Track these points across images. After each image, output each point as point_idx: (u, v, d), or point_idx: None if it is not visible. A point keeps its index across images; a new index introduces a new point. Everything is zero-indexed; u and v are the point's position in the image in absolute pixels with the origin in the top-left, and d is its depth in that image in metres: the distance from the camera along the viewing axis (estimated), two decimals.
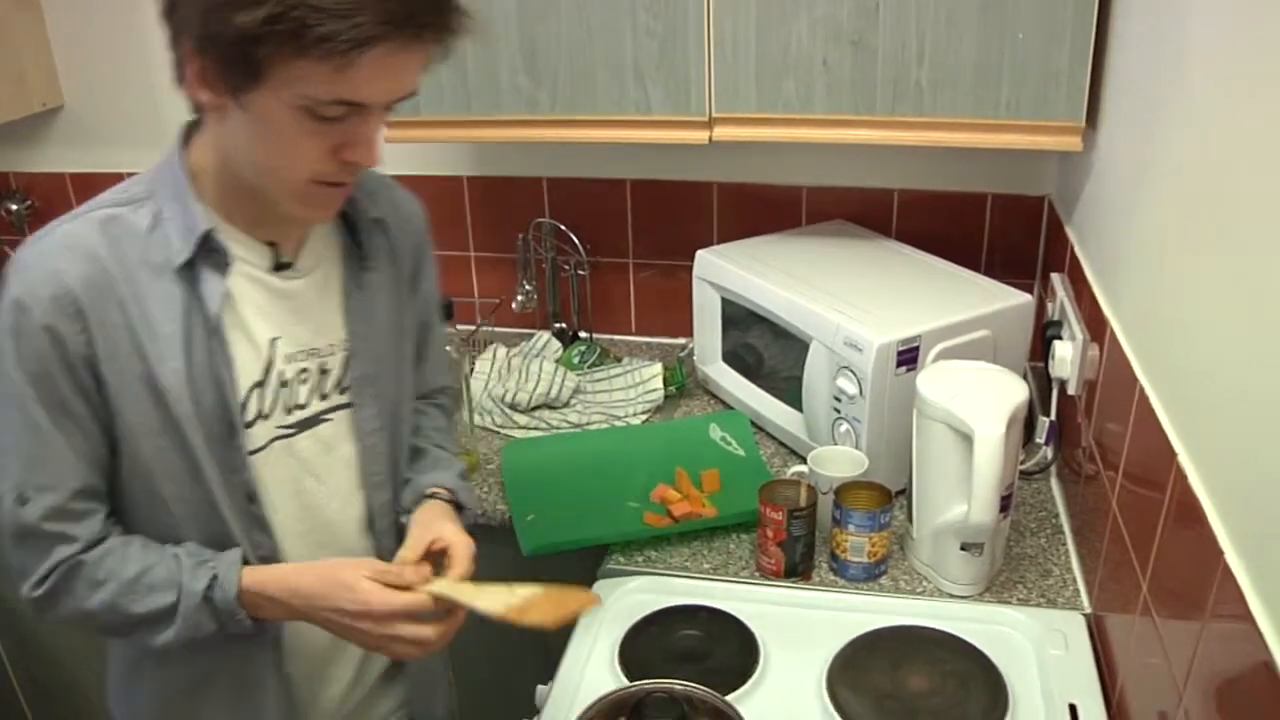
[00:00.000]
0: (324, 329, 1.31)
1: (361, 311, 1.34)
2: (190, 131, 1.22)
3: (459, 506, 1.44)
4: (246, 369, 1.23)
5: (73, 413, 1.16)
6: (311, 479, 1.32)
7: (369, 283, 1.34)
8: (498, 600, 1.33)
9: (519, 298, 2.46)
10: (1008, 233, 2.24)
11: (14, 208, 2.81)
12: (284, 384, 1.27)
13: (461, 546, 1.34)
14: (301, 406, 1.30)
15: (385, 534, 1.40)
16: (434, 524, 1.35)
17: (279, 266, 1.26)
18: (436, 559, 1.32)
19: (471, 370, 2.27)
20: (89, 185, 2.76)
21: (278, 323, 1.26)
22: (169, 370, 1.16)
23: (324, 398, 1.31)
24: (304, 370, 1.29)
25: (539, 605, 1.35)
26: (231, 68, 1.05)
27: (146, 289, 1.16)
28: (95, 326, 1.14)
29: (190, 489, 1.22)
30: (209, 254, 1.18)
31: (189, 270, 1.17)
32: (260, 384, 1.25)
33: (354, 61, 1.02)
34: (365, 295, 1.34)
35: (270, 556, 1.29)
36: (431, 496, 1.42)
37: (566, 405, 2.19)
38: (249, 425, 1.24)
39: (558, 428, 2.12)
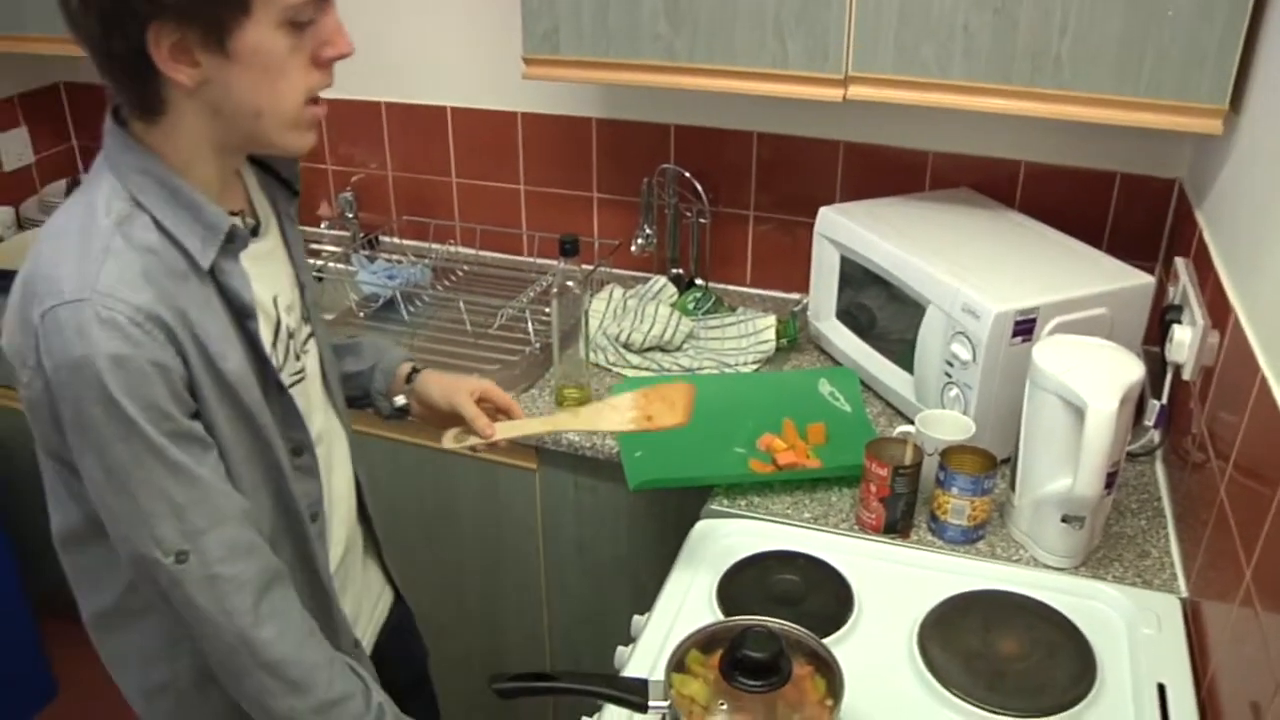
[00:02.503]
0: (288, 272, 1.37)
1: (297, 244, 1.40)
2: (122, 125, 1.18)
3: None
4: (267, 336, 1.27)
5: (196, 435, 1.16)
6: (316, 409, 1.41)
7: (293, 216, 1.42)
8: (616, 419, 1.53)
9: (639, 241, 2.49)
10: (1133, 213, 2.21)
11: None
12: (290, 335, 1.34)
13: (499, 392, 1.57)
14: (303, 349, 1.38)
15: (345, 424, 1.52)
16: (455, 387, 1.56)
17: (253, 233, 1.29)
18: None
19: (589, 307, 2.31)
20: None
21: (269, 282, 1.30)
22: (233, 364, 1.19)
23: (300, 329, 1.39)
24: (296, 317, 1.36)
25: (657, 409, 1.53)
26: (217, 15, 1.07)
27: (186, 296, 1.15)
28: (182, 345, 1.14)
29: (255, 473, 1.26)
30: (225, 246, 1.19)
31: (210, 269, 1.18)
32: (275, 343, 1.30)
33: None
34: (294, 229, 1.41)
35: (315, 502, 1.37)
36: (413, 371, 1.61)
37: (679, 349, 2.23)
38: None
39: (669, 370, 2.17)
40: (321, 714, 1.25)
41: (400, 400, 1.60)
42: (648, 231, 2.49)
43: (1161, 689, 1.37)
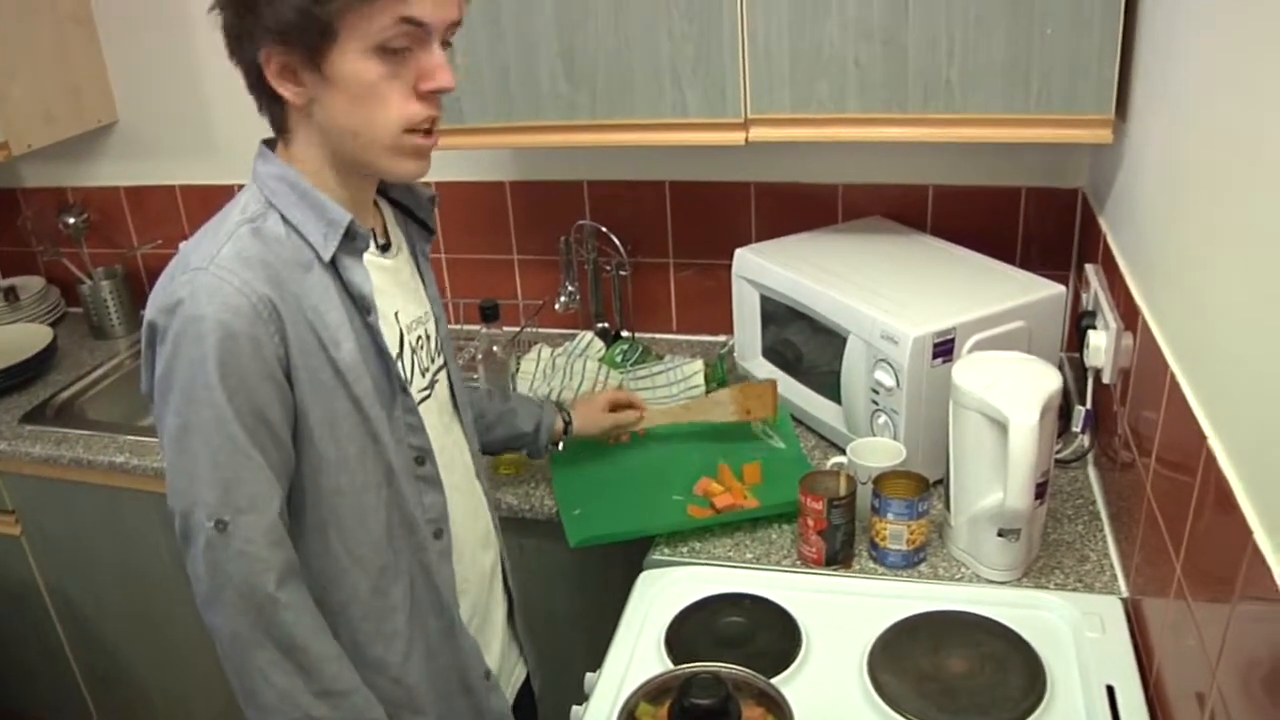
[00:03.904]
0: (418, 300, 1.46)
1: (430, 282, 1.50)
2: (271, 147, 1.31)
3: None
4: (389, 343, 1.34)
5: (269, 421, 1.22)
6: (445, 433, 1.48)
7: (428, 254, 1.51)
8: (722, 412, 1.96)
9: (562, 298, 2.51)
10: (1042, 226, 2.27)
11: (71, 221, 2.90)
12: (413, 351, 1.41)
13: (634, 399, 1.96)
14: (426, 370, 1.44)
15: (481, 475, 1.61)
16: (604, 395, 1.95)
17: (382, 249, 1.39)
18: None
19: (517, 370, 2.32)
20: (142, 198, 2.86)
21: (393, 298, 1.39)
22: (345, 353, 1.27)
23: (433, 361, 1.46)
24: (419, 338, 1.43)
25: (753, 404, 1.97)
26: (309, 39, 1.16)
27: (305, 285, 1.25)
28: (288, 327, 1.22)
29: (367, 471, 1.33)
30: (347, 243, 1.28)
31: (331, 263, 1.27)
32: (399, 355, 1.36)
33: None
34: (428, 266, 1.50)
35: (439, 517, 1.43)
36: (565, 425, 1.87)
37: None
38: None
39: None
40: (324, 699, 1.28)
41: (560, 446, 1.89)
42: (570, 288, 2.50)
43: (1111, 690, 1.38)
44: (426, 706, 1.46)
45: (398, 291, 1.41)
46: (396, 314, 1.39)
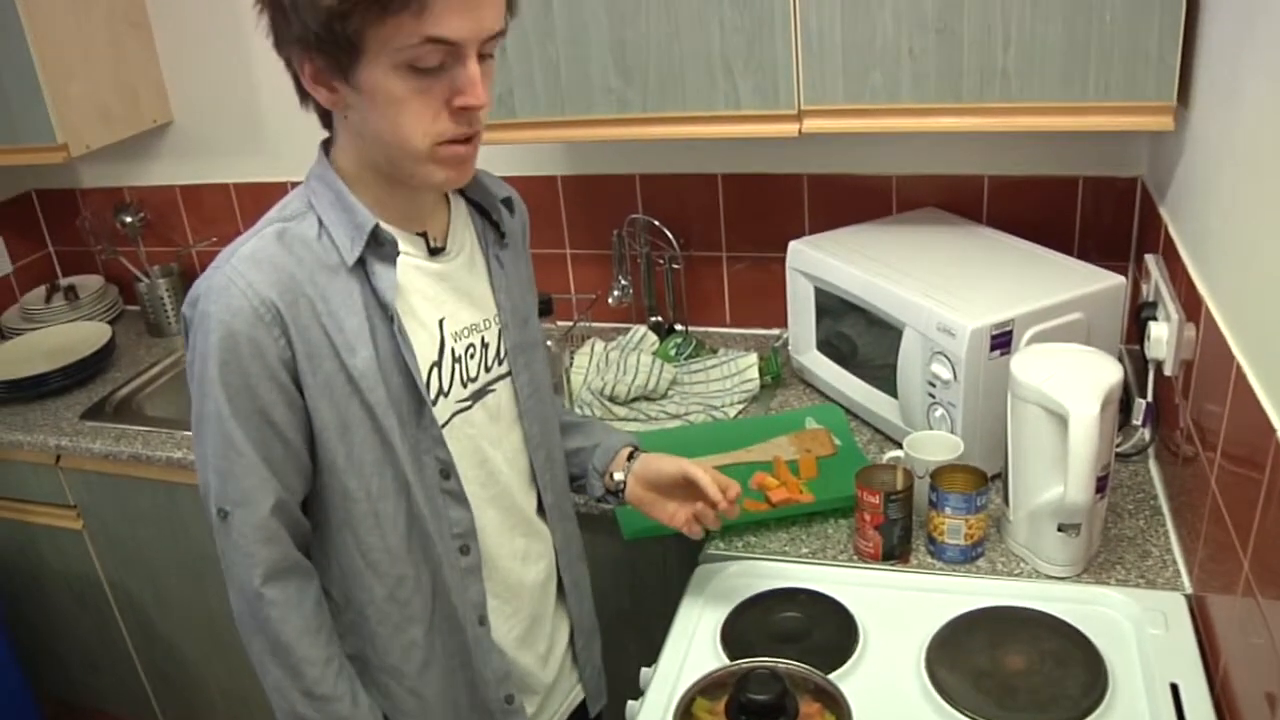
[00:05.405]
0: (479, 305, 1.41)
1: (504, 286, 1.45)
2: (328, 148, 1.31)
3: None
4: (424, 351, 1.33)
5: (273, 421, 1.24)
6: (490, 446, 1.43)
7: (506, 259, 1.46)
8: (781, 452, 1.95)
9: (615, 293, 2.50)
10: (1100, 216, 2.23)
11: (128, 220, 2.94)
12: (456, 360, 1.37)
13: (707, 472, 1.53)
14: (474, 379, 1.40)
15: (546, 488, 1.54)
16: (681, 459, 1.55)
17: (432, 252, 1.36)
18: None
19: (570, 364, 2.32)
20: (197, 197, 2.89)
21: (441, 304, 1.36)
22: (360, 360, 1.26)
23: (488, 370, 1.42)
24: (470, 346, 1.39)
25: (812, 443, 1.99)
26: (334, 52, 1.14)
27: (327, 288, 1.25)
28: (293, 330, 1.22)
29: (382, 479, 1.32)
30: (377, 248, 1.27)
31: (360, 267, 1.26)
32: (437, 363, 1.34)
33: (427, 2, 1.11)
34: (505, 271, 1.45)
35: (465, 533, 1.40)
36: (632, 451, 1.62)
37: (664, 396, 2.23)
38: (433, 403, 1.34)
39: (656, 418, 2.16)
40: (308, 699, 1.30)
41: (619, 475, 1.60)
42: (623, 282, 2.50)
43: (1175, 689, 1.36)
44: None
45: (448, 297, 1.37)
46: (441, 321, 1.36)
